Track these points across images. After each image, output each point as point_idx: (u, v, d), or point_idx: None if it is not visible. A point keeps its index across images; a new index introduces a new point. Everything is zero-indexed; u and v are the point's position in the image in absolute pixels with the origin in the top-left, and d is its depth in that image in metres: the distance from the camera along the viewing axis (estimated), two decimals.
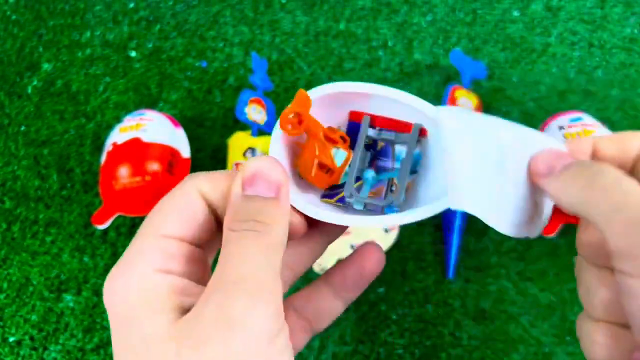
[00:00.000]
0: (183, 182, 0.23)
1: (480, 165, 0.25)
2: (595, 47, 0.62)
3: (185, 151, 0.54)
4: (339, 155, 0.28)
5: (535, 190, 0.24)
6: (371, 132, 0.29)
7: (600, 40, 0.62)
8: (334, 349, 0.48)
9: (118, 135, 0.53)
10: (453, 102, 0.54)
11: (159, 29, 0.67)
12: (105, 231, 0.55)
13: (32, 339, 0.50)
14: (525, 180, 0.24)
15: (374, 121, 0.29)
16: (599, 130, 0.49)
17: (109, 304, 0.21)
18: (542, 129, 0.52)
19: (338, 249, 0.48)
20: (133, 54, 0.66)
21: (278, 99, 0.61)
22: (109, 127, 0.60)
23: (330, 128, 0.29)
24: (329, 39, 0.65)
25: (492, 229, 0.30)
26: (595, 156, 0.24)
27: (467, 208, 0.25)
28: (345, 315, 0.49)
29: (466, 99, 0.55)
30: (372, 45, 0.64)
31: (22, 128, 0.62)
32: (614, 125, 0.56)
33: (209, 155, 0.58)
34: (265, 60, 0.58)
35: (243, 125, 0.60)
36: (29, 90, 0.64)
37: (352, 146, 0.28)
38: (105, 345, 0.49)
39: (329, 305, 0.27)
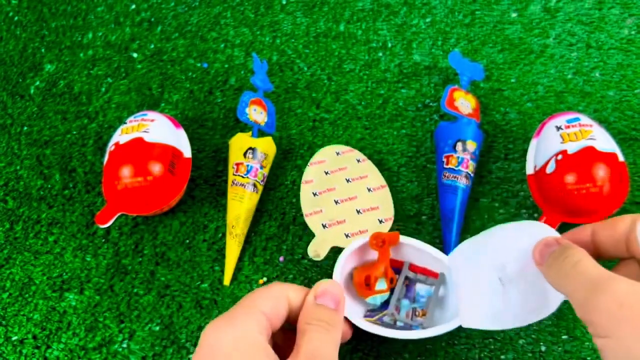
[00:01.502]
0: (277, 285, 0.36)
1: (479, 289, 0.38)
2: (592, 48, 0.62)
3: (186, 151, 0.55)
4: (381, 284, 0.44)
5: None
6: (410, 274, 0.46)
7: (598, 41, 0.63)
8: None
9: (120, 136, 0.53)
10: (452, 102, 0.55)
11: (161, 30, 0.68)
12: (108, 230, 0.55)
13: (34, 337, 0.51)
14: (532, 272, 0.34)
15: (412, 267, 0.47)
16: (595, 130, 0.50)
17: (209, 343, 0.30)
18: (539, 130, 0.53)
19: (333, 237, 0.48)
20: (135, 55, 0.66)
21: (278, 100, 0.62)
22: (111, 128, 0.61)
23: (391, 261, 0.46)
24: (329, 40, 0.65)
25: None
26: (594, 240, 0.32)
27: (473, 325, 0.39)
28: None
29: (464, 100, 0.56)
30: (372, 47, 0.65)
31: (25, 128, 0.62)
32: (611, 126, 0.56)
33: (210, 156, 0.59)
34: (265, 62, 0.59)
35: (244, 125, 0.60)
36: (32, 91, 0.65)
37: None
38: (107, 344, 0.50)
39: None
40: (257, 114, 0.56)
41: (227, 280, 0.51)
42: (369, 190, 0.53)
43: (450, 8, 0.67)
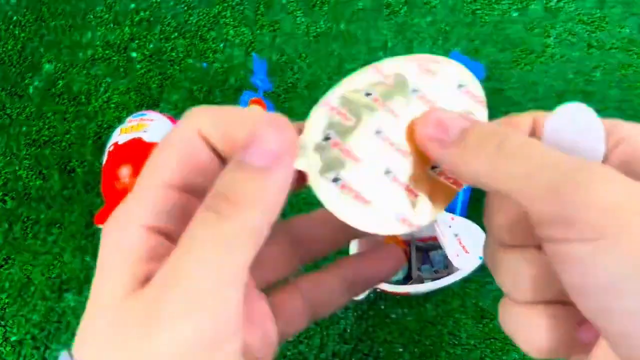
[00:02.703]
0: (182, 120, 0.20)
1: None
2: (594, 48, 0.62)
3: None
4: None
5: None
6: (420, 244, 0.52)
7: (599, 41, 0.62)
8: (333, 348, 0.48)
9: (119, 136, 0.53)
10: None
11: (160, 30, 0.67)
12: None
13: (33, 338, 0.51)
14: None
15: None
16: None
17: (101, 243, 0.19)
18: None
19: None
20: (134, 54, 0.66)
21: (278, 100, 0.61)
22: (110, 128, 0.60)
23: None
24: (329, 39, 0.65)
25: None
26: (534, 134, 0.20)
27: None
28: (344, 314, 0.49)
29: None
30: (372, 46, 0.64)
31: (24, 128, 0.62)
32: None
33: None
34: (265, 61, 0.59)
35: None
36: (31, 91, 0.64)
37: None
38: None
39: (336, 296, 0.25)
40: None
41: None
42: None
43: (451, 7, 0.66)
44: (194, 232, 0.17)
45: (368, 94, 0.22)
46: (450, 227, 0.48)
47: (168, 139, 0.20)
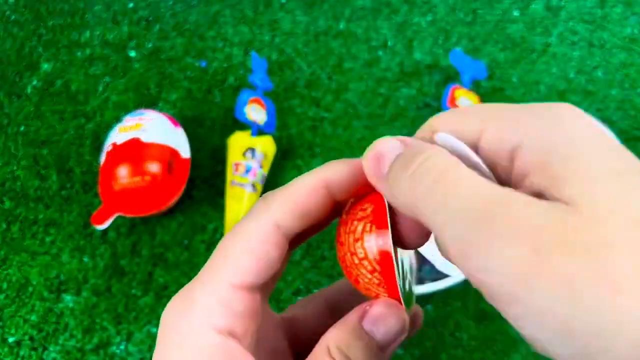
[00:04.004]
0: (256, 212, 0.20)
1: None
2: (595, 47, 0.62)
3: (184, 151, 0.54)
4: None
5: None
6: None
7: (601, 40, 0.62)
8: None
9: (117, 136, 0.52)
10: (453, 101, 0.54)
11: (159, 29, 0.67)
12: (105, 231, 0.54)
13: (31, 339, 0.50)
14: None
15: None
16: None
17: (163, 332, 0.19)
18: None
19: None
20: (133, 53, 0.65)
21: (278, 99, 0.61)
22: (109, 127, 0.60)
23: None
24: (328, 38, 0.65)
25: None
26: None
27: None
28: None
29: (466, 98, 0.55)
30: (372, 45, 0.64)
31: (22, 128, 0.62)
32: (613, 125, 0.56)
33: (209, 155, 0.58)
34: (265, 60, 0.58)
35: (243, 125, 0.60)
36: (29, 90, 0.64)
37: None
38: (104, 345, 0.49)
39: None
40: (256, 113, 0.55)
41: None
42: None
43: (452, 6, 0.66)
44: None
45: None
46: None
47: (242, 233, 0.20)
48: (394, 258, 0.18)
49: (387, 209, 0.19)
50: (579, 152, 0.15)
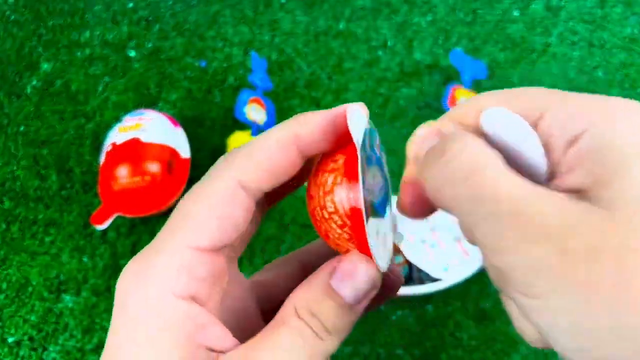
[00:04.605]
0: (218, 170, 0.19)
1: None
2: (595, 47, 0.62)
3: (184, 151, 0.54)
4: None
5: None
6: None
7: (601, 40, 0.62)
8: None
9: (117, 135, 0.52)
10: (453, 101, 0.54)
11: (159, 29, 0.67)
12: (105, 231, 0.54)
13: (31, 339, 0.50)
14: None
15: None
16: None
17: (119, 300, 0.18)
18: None
19: None
20: (132, 53, 0.65)
21: (278, 99, 0.61)
22: (109, 127, 0.60)
23: None
24: (328, 38, 0.65)
25: None
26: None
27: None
28: None
29: (466, 98, 0.55)
30: (372, 45, 0.64)
31: (22, 128, 0.62)
32: None
33: (209, 155, 0.58)
34: (264, 60, 0.58)
35: (242, 125, 0.59)
36: (28, 90, 0.64)
37: None
38: (104, 345, 0.49)
39: None
40: (256, 112, 0.55)
41: None
42: None
43: (452, 6, 0.66)
44: (290, 339, 0.18)
45: None
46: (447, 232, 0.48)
47: (202, 192, 0.18)
48: (364, 212, 0.17)
49: (359, 160, 0.18)
50: (631, 158, 0.15)
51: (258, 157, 0.19)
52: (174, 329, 0.17)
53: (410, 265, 0.51)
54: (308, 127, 0.19)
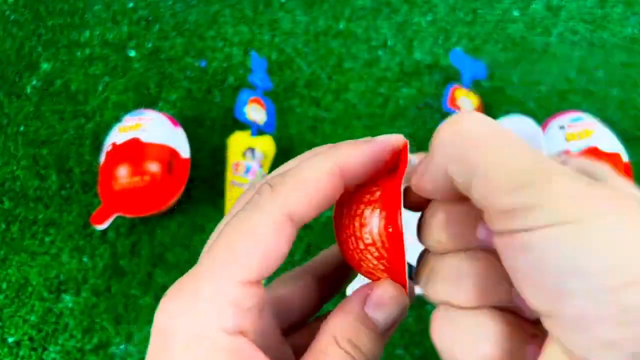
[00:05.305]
0: (265, 200, 0.18)
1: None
2: (595, 47, 0.61)
3: (184, 151, 0.54)
4: None
5: None
6: None
7: (601, 40, 0.62)
8: None
9: (117, 135, 0.52)
10: (453, 101, 0.54)
11: (159, 29, 0.67)
12: (105, 231, 0.54)
13: (31, 339, 0.50)
14: None
15: None
16: (598, 130, 0.49)
17: (163, 330, 0.18)
18: (543, 129, 0.52)
19: None
20: (132, 53, 0.65)
21: (278, 99, 0.61)
22: (109, 127, 0.60)
23: None
24: (328, 38, 0.65)
25: None
26: None
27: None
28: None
29: (466, 98, 0.55)
30: (372, 45, 0.64)
31: (22, 128, 0.62)
32: (614, 125, 0.56)
33: (209, 155, 0.58)
34: (264, 60, 0.58)
35: (242, 125, 0.59)
36: (28, 90, 0.64)
37: None
38: (104, 345, 0.49)
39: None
40: (256, 112, 0.55)
41: None
42: None
43: (452, 6, 0.66)
44: None
45: None
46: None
47: (250, 225, 0.18)
48: (404, 248, 0.18)
49: (401, 194, 0.18)
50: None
51: (308, 189, 0.18)
52: None
53: (410, 266, 0.51)
54: (355, 159, 0.19)
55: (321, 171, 0.18)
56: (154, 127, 0.53)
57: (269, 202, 0.18)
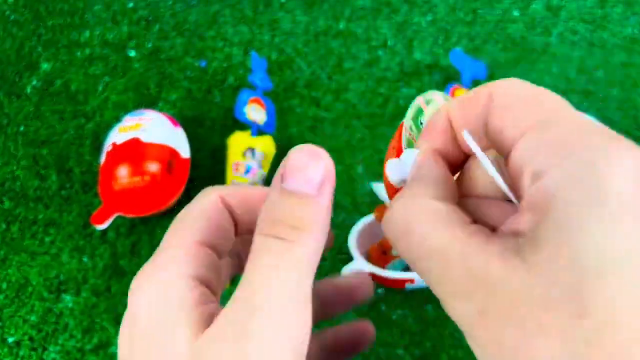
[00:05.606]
0: (203, 191, 0.22)
1: None
2: (595, 47, 0.61)
3: (184, 151, 0.54)
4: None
5: None
6: None
7: (601, 40, 0.62)
8: None
9: (117, 135, 0.52)
10: None
11: (159, 29, 0.67)
12: (105, 231, 0.54)
13: (31, 339, 0.50)
14: None
15: None
16: None
17: (133, 307, 0.19)
18: None
19: None
20: (132, 53, 0.65)
21: (278, 99, 0.61)
22: (109, 127, 0.60)
23: None
24: (328, 38, 0.65)
25: None
26: (447, 126, 0.19)
27: None
28: (344, 315, 0.49)
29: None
30: (372, 45, 0.64)
31: (22, 128, 0.62)
32: (614, 125, 0.56)
33: (209, 155, 0.58)
34: (264, 60, 0.58)
35: (242, 125, 0.59)
36: (28, 90, 0.64)
37: None
38: (104, 345, 0.49)
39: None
40: (256, 112, 0.55)
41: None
42: None
43: (452, 6, 0.66)
44: (264, 260, 0.18)
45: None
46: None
47: (194, 205, 0.22)
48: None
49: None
50: (573, 219, 0.14)
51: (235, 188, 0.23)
52: (183, 306, 0.18)
53: None
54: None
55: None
56: (154, 127, 0.53)
57: (206, 193, 0.22)
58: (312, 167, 0.18)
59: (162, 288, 0.19)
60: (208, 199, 0.22)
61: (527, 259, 0.14)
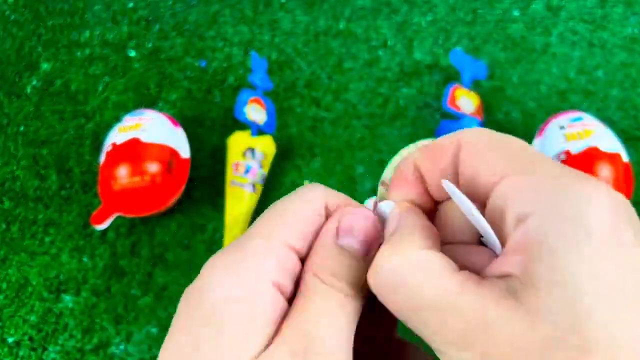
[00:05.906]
0: (309, 188, 0.21)
1: None
2: (595, 47, 0.61)
3: (184, 151, 0.54)
4: None
5: None
6: None
7: (601, 40, 0.62)
8: None
9: (117, 135, 0.52)
10: (453, 101, 0.54)
11: (159, 29, 0.67)
12: (105, 231, 0.54)
13: (31, 339, 0.50)
14: None
15: None
16: (598, 130, 0.49)
17: (208, 294, 0.18)
18: (542, 129, 0.52)
19: None
20: (132, 53, 0.65)
21: (278, 99, 0.61)
22: (109, 127, 0.60)
23: None
24: (328, 38, 0.65)
25: None
26: (417, 176, 0.20)
27: None
28: None
29: (466, 98, 0.55)
30: (372, 45, 0.64)
31: (22, 128, 0.62)
32: (614, 125, 0.56)
33: (209, 155, 0.58)
34: (264, 60, 0.58)
35: (242, 125, 0.59)
36: (28, 90, 0.64)
37: None
38: (104, 345, 0.49)
39: None
40: (256, 112, 0.55)
41: None
42: None
43: (452, 6, 0.66)
44: (323, 301, 0.18)
45: None
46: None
47: (300, 203, 0.20)
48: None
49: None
50: (563, 261, 0.14)
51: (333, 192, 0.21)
52: (260, 313, 0.18)
53: None
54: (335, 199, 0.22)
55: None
56: (154, 127, 0.53)
57: (312, 190, 0.21)
58: (365, 228, 0.20)
59: (246, 291, 0.18)
60: (314, 205, 0.20)
61: (523, 300, 0.14)
